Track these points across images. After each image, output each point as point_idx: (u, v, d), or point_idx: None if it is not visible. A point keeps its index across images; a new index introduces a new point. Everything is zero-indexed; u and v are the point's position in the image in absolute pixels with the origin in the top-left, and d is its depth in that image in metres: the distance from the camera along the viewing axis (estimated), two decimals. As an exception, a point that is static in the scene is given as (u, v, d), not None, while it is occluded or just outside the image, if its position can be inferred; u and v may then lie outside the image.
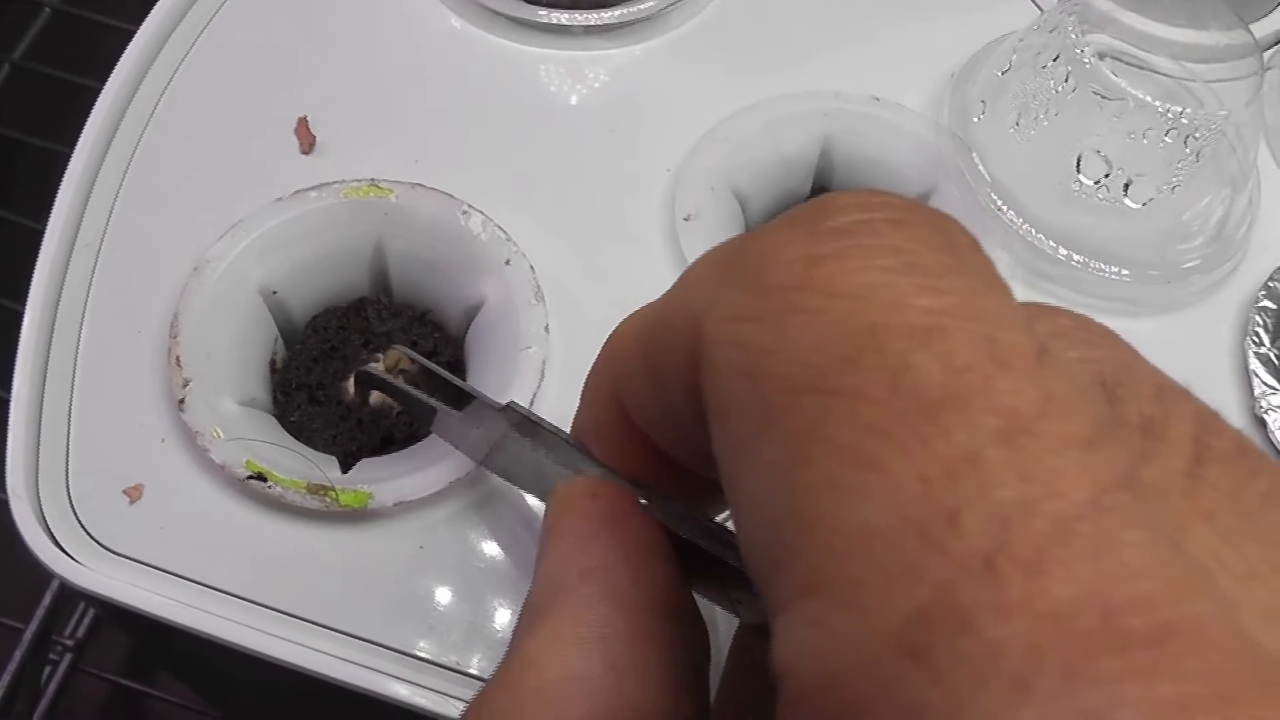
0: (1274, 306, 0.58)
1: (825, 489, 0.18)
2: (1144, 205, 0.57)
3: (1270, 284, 0.58)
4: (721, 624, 0.32)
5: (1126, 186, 0.56)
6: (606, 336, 0.29)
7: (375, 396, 0.52)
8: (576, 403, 0.32)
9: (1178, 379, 0.22)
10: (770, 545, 0.19)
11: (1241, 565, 0.18)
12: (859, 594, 0.17)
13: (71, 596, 1.15)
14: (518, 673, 0.24)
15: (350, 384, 0.53)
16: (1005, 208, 0.56)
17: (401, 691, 0.45)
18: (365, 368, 0.45)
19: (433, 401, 0.41)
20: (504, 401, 0.38)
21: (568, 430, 0.33)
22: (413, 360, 0.44)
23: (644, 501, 0.29)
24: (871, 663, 0.16)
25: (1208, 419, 0.20)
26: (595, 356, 0.29)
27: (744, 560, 0.21)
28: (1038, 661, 0.15)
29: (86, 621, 1.15)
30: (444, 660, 0.46)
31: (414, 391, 0.43)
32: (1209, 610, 0.15)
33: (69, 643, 1.13)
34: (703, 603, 0.29)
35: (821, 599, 0.17)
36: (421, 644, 0.46)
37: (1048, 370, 0.18)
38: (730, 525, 0.27)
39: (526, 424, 0.36)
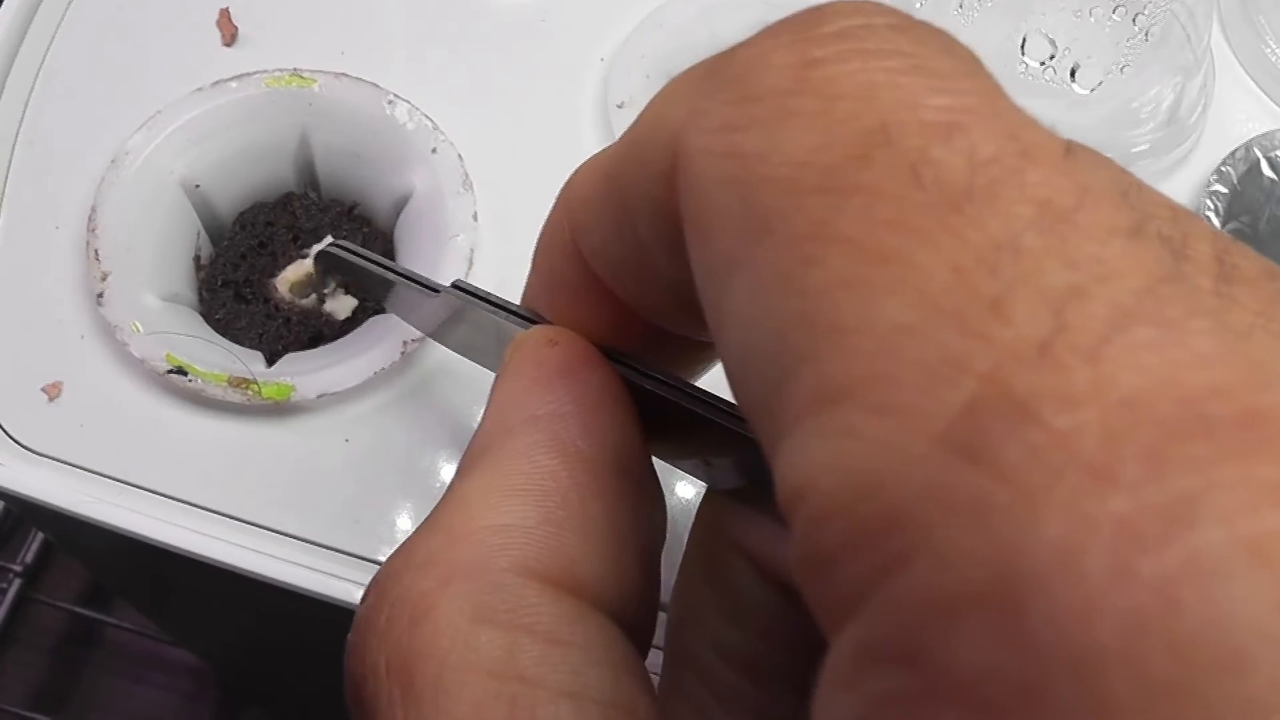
0: (1225, 191, 0.58)
1: (842, 288, 0.17)
2: (1092, 91, 0.57)
3: (1223, 168, 0.59)
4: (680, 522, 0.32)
5: (1074, 72, 0.57)
6: (538, 225, 0.28)
7: (288, 291, 0.52)
8: (506, 289, 0.32)
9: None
10: (773, 360, 0.18)
11: None
12: (893, 394, 0.16)
13: (19, 522, 1.16)
14: (447, 518, 0.24)
15: (281, 286, 0.53)
16: (949, 93, 0.56)
17: (329, 586, 0.45)
18: (326, 247, 0.43)
19: (397, 278, 0.39)
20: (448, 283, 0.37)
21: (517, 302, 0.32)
22: (349, 252, 0.43)
23: (609, 357, 0.27)
24: (917, 465, 0.15)
25: (1227, 242, 0.19)
26: (543, 221, 0.28)
27: (734, 390, 0.20)
28: (1118, 449, 0.14)
29: (35, 546, 1.16)
30: (371, 554, 0.46)
31: (379, 267, 0.40)
32: None
33: (17, 569, 1.13)
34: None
35: (847, 405, 0.16)
36: (347, 538, 0.46)
37: (1079, 165, 0.18)
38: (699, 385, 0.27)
39: (475, 299, 0.35)
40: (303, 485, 0.47)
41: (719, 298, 0.20)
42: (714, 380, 0.26)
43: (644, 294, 0.25)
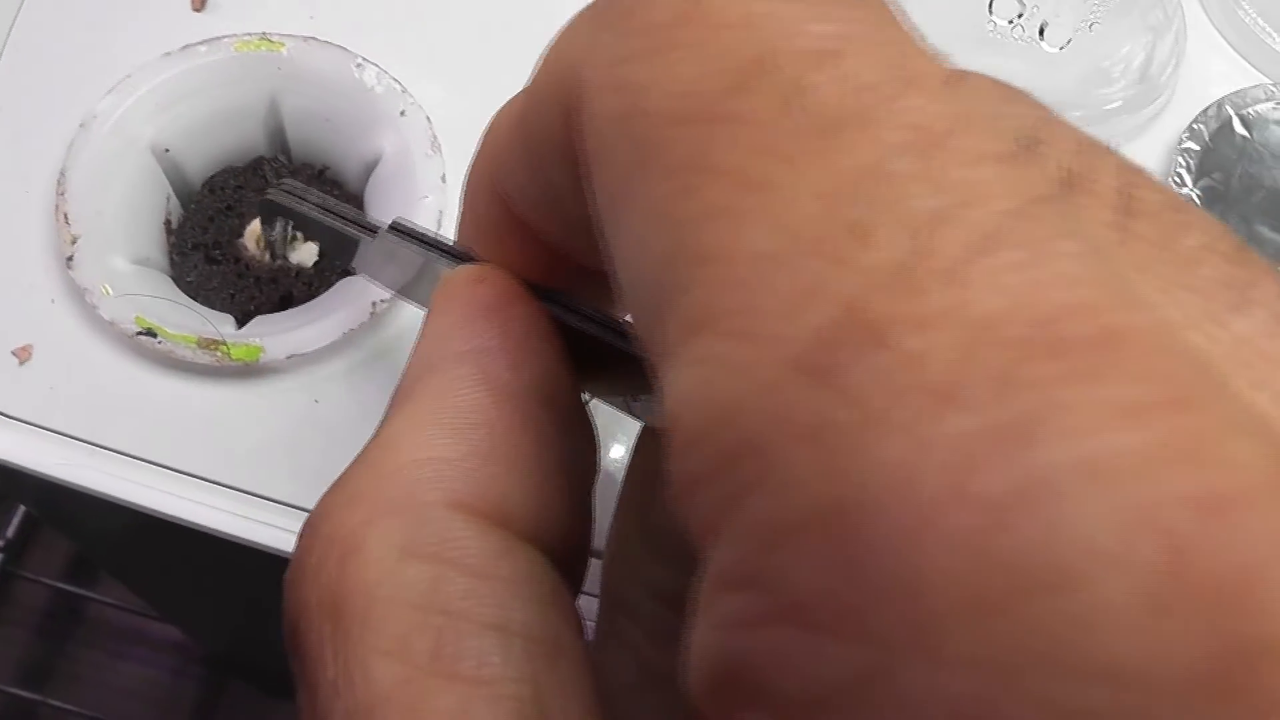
0: (1197, 148, 0.59)
1: (710, 218, 0.17)
2: (1061, 49, 0.58)
3: (1194, 126, 0.59)
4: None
5: (1042, 30, 0.57)
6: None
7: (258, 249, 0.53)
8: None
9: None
10: (653, 292, 0.18)
11: (1178, 315, 0.17)
12: (752, 321, 0.16)
13: (1, 499, 1.17)
14: (375, 454, 0.23)
15: (249, 241, 0.54)
16: (919, 52, 0.57)
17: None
18: (268, 194, 0.43)
19: (346, 227, 0.38)
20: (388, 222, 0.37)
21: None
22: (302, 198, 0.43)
23: (536, 294, 0.27)
24: (768, 390, 0.15)
25: (1133, 173, 0.20)
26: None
27: (632, 323, 0.20)
28: (962, 370, 0.14)
29: (17, 521, 1.16)
30: (341, 513, 0.47)
31: (328, 216, 0.39)
32: (1154, 320, 0.15)
33: (-1, 544, 1.14)
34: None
35: (709, 334, 0.16)
36: (317, 498, 0.47)
37: (959, 93, 0.17)
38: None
39: (413, 237, 0.35)
40: (272, 446, 0.48)
41: (611, 233, 0.20)
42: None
43: (560, 233, 0.26)
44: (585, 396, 0.28)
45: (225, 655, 1.32)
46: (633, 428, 0.30)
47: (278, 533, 0.47)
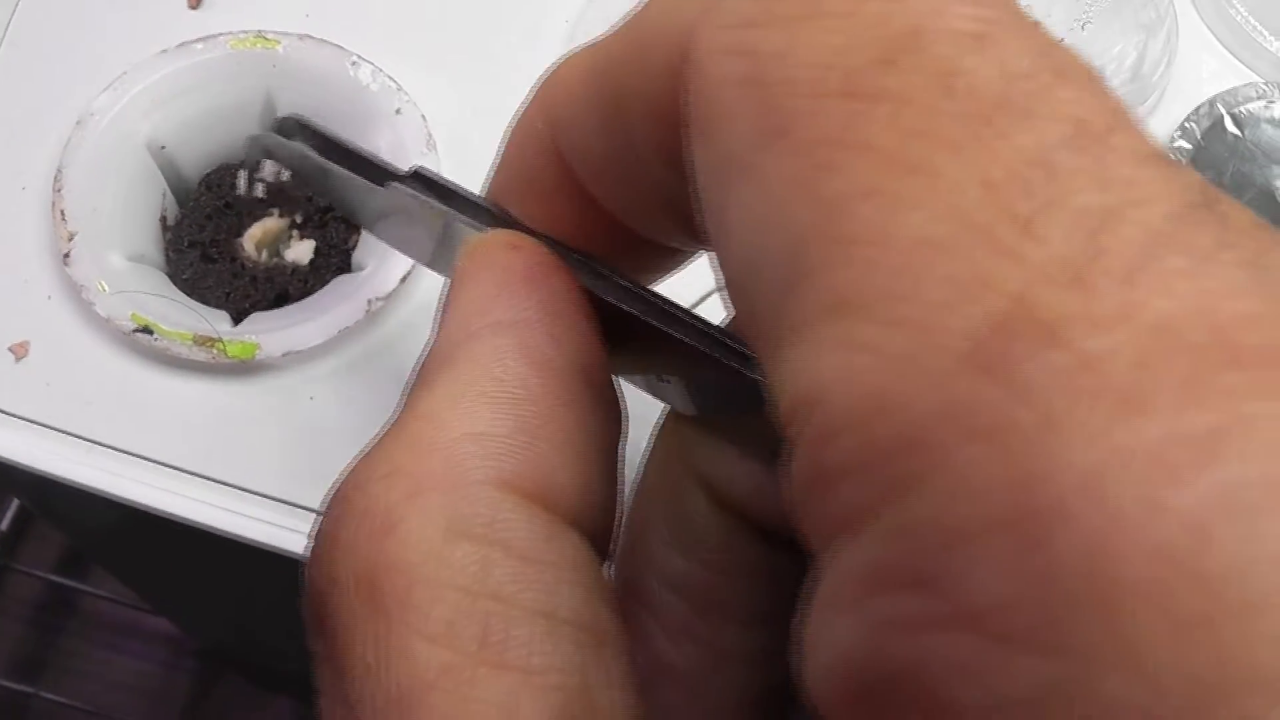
0: (1189, 147, 0.59)
1: (863, 198, 0.16)
2: (1054, 47, 0.58)
3: (1186, 125, 0.60)
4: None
5: (1035, 28, 0.58)
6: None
7: (256, 250, 0.53)
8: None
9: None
10: (783, 268, 0.17)
11: None
12: (916, 309, 0.15)
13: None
14: (415, 426, 0.22)
15: (247, 243, 0.54)
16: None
17: (294, 543, 0.47)
18: (257, 135, 0.37)
19: (347, 173, 0.32)
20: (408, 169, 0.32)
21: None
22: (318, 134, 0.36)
23: (572, 263, 0.26)
24: (937, 383, 0.15)
25: (1217, 193, 0.18)
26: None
27: (733, 299, 0.20)
28: (1148, 376, 0.14)
29: (11, 514, 1.16)
30: (336, 510, 0.47)
31: (332, 160, 0.32)
32: None
33: (-8, 536, 1.14)
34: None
35: (863, 317, 0.16)
36: (312, 495, 0.48)
37: (1106, 90, 0.17)
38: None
39: (438, 189, 0.30)
40: (268, 442, 0.49)
41: (724, 203, 0.19)
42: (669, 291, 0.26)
43: (627, 196, 0.24)
44: None
45: (218, 649, 1.33)
46: (639, 410, 0.29)
47: (273, 529, 0.47)
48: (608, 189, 0.25)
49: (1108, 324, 0.14)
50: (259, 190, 0.54)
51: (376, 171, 0.30)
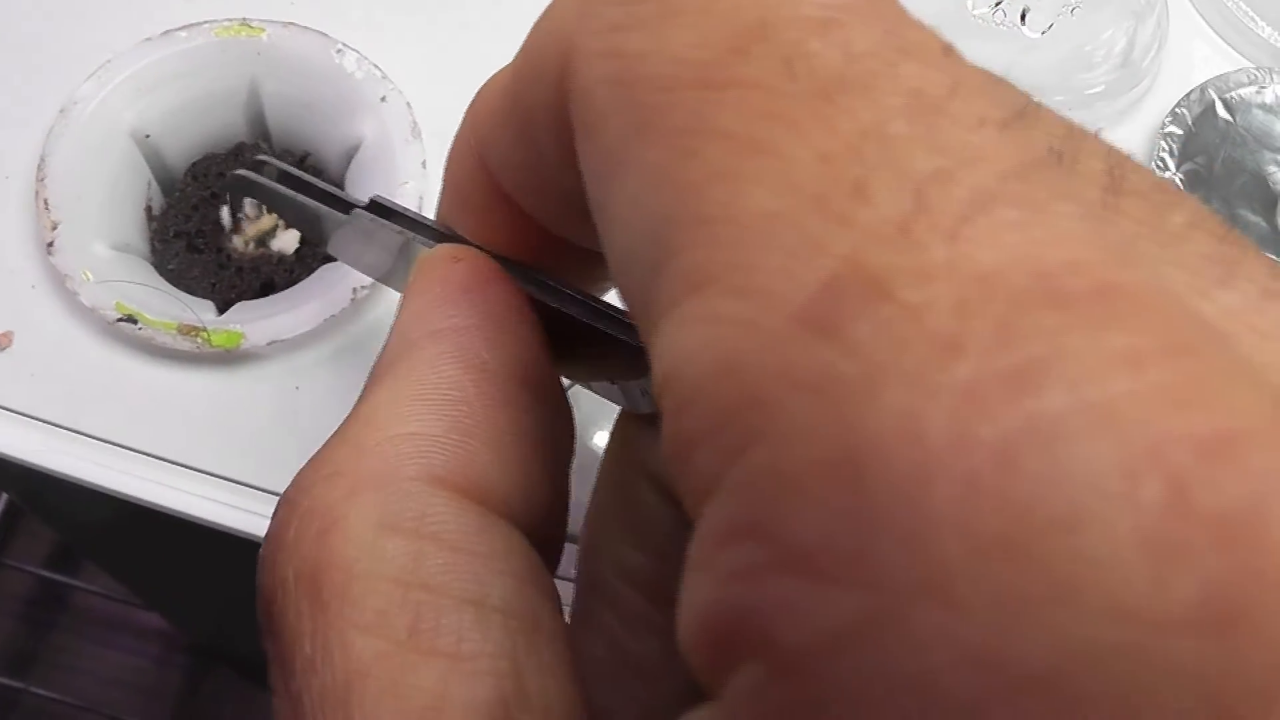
0: (1179, 132, 0.59)
1: (712, 181, 0.17)
2: (1043, 34, 0.58)
3: (1177, 110, 0.60)
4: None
5: (1024, 15, 0.58)
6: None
7: (249, 241, 0.53)
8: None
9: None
10: (649, 256, 0.18)
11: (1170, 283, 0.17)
12: (754, 277, 0.16)
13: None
14: (354, 430, 0.23)
15: (237, 238, 0.54)
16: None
17: (280, 532, 0.46)
18: (236, 172, 0.42)
19: (319, 206, 0.35)
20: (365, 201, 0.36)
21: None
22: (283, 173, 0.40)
23: (517, 275, 0.27)
24: (771, 344, 0.15)
25: (1120, 157, 0.20)
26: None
27: (619, 290, 0.20)
28: (967, 320, 0.14)
29: (0, 508, 1.17)
30: (322, 500, 0.47)
31: (300, 195, 0.36)
32: (1150, 277, 0.15)
33: (-19, 530, 1.14)
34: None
35: (709, 290, 0.17)
36: (299, 484, 0.47)
37: (958, 63, 0.18)
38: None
39: (394, 216, 0.32)
40: (253, 432, 0.49)
41: (604, 198, 0.20)
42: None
43: (546, 206, 0.26)
44: (566, 382, 0.28)
45: (209, 643, 1.33)
46: (615, 415, 0.30)
47: (258, 519, 0.47)
48: (530, 200, 0.26)
49: (931, 276, 0.15)
50: (245, 221, 0.54)
51: (338, 203, 0.33)
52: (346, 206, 0.32)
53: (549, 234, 0.26)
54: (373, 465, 0.22)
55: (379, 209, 0.32)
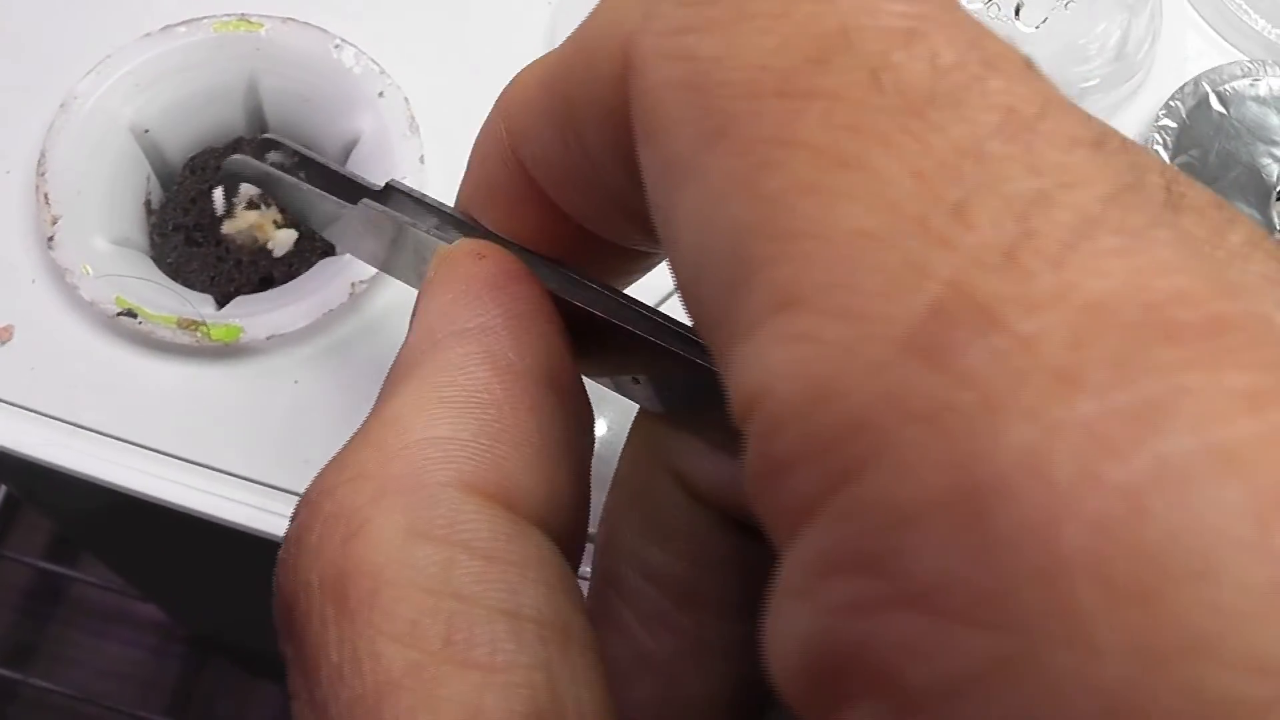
0: (1174, 125, 0.60)
1: (800, 193, 0.17)
2: (1038, 28, 0.59)
3: (1171, 103, 0.60)
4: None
5: (1018, 9, 0.58)
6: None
7: (246, 233, 0.54)
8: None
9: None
10: (727, 266, 0.18)
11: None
12: (854, 299, 0.16)
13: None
14: (379, 432, 0.23)
15: (233, 231, 0.55)
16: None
17: (279, 527, 0.47)
18: (232, 159, 0.40)
19: (318, 192, 0.34)
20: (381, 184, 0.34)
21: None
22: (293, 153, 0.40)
23: (540, 269, 0.27)
24: (877, 370, 0.15)
25: (1176, 173, 0.20)
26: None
27: (685, 299, 0.20)
28: (1083, 353, 0.14)
29: (-2, 499, 1.17)
30: (321, 492, 0.48)
31: (302, 182, 0.35)
32: (1253, 308, 0.15)
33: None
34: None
35: (804, 310, 0.16)
36: (297, 479, 0.48)
37: (1039, 76, 0.18)
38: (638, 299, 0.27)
39: (409, 202, 0.32)
40: (252, 426, 0.49)
41: (671, 204, 0.20)
42: (641, 292, 0.27)
43: (586, 202, 0.25)
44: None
45: (206, 634, 1.33)
46: (616, 404, 0.29)
47: (257, 513, 0.48)
48: (568, 196, 0.25)
49: (1041, 305, 0.15)
50: (238, 209, 0.54)
51: (351, 189, 0.33)
52: (355, 195, 0.32)
53: (579, 227, 0.26)
54: (400, 469, 0.22)
55: (396, 193, 0.32)
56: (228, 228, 0.55)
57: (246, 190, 0.55)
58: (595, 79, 0.22)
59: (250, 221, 0.55)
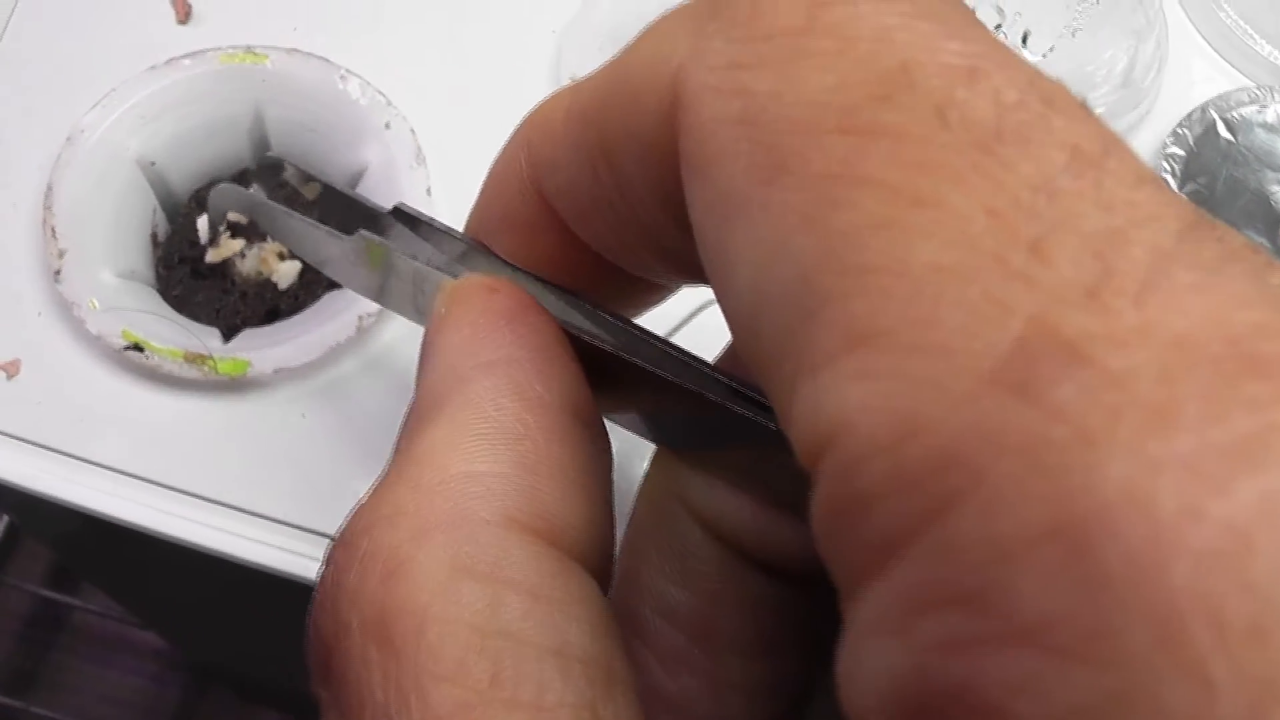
0: (1181, 153, 0.60)
1: (873, 229, 0.17)
2: (1045, 56, 0.59)
3: (1179, 130, 0.61)
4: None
5: (1025, 38, 0.59)
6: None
7: (248, 264, 0.54)
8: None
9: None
10: (791, 302, 0.18)
11: None
12: (936, 334, 0.16)
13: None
14: (413, 469, 0.22)
15: (238, 261, 0.55)
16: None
17: (286, 562, 0.47)
18: (219, 187, 0.40)
19: (309, 221, 0.34)
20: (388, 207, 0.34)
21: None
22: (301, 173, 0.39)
23: (551, 301, 0.27)
24: (966, 404, 0.15)
25: (1206, 214, 0.20)
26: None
27: (737, 335, 0.20)
28: (1175, 389, 0.14)
29: (0, 528, 1.17)
30: (328, 530, 0.48)
31: (295, 212, 0.35)
32: None
33: (-19, 550, 1.15)
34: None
35: (884, 345, 0.16)
36: (304, 514, 0.48)
37: (1092, 114, 0.18)
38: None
39: (416, 225, 0.32)
40: (259, 461, 0.49)
41: (724, 239, 0.19)
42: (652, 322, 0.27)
43: (611, 234, 0.25)
44: None
45: (207, 663, 1.33)
46: (618, 433, 0.29)
47: (264, 547, 0.48)
48: (592, 227, 0.25)
49: (1128, 342, 0.15)
50: (223, 237, 0.55)
51: (359, 210, 0.33)
52: (359, 220, 0.31)
53: (597, 257, 0.26)
54: (440, 506, 0.22)
55: (404, 217, 0.31)
56: (212, 256, 0.55)
57: (233, 216, 0.55)
58: (637, 112, 0.22)
59: (235, 249, 0.55)
